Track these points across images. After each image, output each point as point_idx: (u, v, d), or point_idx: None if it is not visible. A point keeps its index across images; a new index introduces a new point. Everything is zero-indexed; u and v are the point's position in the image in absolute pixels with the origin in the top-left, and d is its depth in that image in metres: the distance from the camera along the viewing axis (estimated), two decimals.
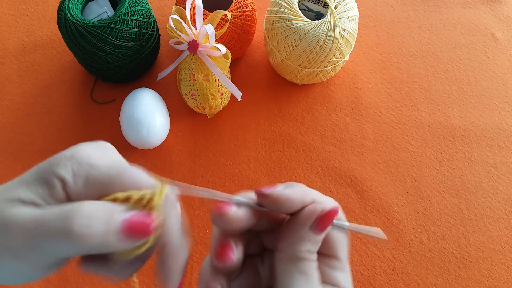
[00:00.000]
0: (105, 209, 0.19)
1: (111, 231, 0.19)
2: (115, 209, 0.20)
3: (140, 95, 0.52)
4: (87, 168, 0.21)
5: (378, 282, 0.49)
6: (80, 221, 0.18)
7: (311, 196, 0.23)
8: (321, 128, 0.58)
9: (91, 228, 0.19)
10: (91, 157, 0.21)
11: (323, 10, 0.54)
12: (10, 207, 0.20)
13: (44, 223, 0.19)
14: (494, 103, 0.60)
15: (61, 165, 0.20)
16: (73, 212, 0.19)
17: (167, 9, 0.66)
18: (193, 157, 0.55)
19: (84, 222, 0.18)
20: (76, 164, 0.21)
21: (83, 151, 0.21)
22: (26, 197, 0.20)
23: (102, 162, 0.21)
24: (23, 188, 0.20)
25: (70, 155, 0.21)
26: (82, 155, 0.21)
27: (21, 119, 0.58)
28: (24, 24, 0.65)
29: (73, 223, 0.18)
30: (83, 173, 0.21)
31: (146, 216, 0.20)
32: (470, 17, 0.66)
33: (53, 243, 0.19)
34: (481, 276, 0.49)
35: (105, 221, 0.19)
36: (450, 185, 0.54)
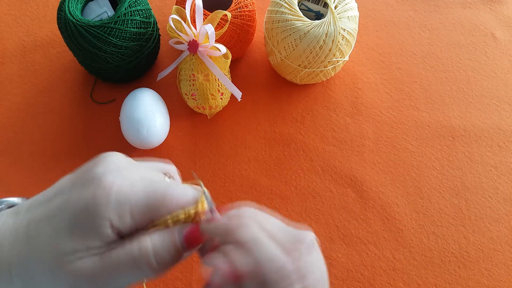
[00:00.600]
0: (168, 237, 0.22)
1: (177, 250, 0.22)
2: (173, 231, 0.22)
3: (140, 95, 0.52)
4: (128, 205, 0.21)
5: (378, 282, 0.49)
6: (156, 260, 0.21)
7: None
8: (321, 128, 0.58)
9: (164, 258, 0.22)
10: (126, 192, 0.21)
11: (323, 10, 0.54)
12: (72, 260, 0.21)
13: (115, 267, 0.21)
14: (494, 103, 0.60)
15: (103, 211, 0.21)
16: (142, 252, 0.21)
17: (167, 9, 0.66)
18: (193, 157, 0.55)
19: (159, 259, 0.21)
20: (117, 206, 0.21)
21: (114, 186, 0.21)
22: (81, 249, 0.21)
23: (139, 193, 0.22)
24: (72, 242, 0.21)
25: (106, 195, 0.21)
26: (118, 194, 0.21)
27: (21, 119, 0.58)
28: (24, 24, 0.65)
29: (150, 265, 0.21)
30: (127, 211, 0.21)
31: (197, 227, 0.23)
32: (470, 17, 0.66)
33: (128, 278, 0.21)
34: (481, 276, 0.49)
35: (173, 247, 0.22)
36: (450, 185, 0.54)
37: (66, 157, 0.56)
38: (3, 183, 0.54)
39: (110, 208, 0.21)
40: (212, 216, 0.24)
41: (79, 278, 0.20)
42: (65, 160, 0.55)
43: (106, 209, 0.21)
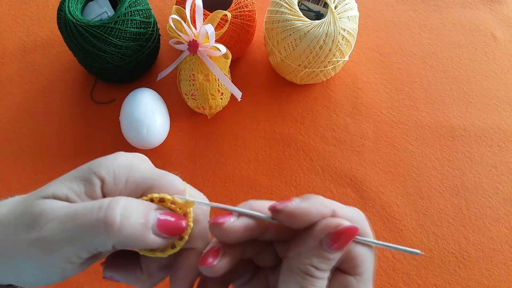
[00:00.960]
0: (143, 205, 0.20)
1: (148, 224, 0.20)
2: (152, 206, 0.21)
3: (140, 95, 0.52)
4: (127, 170, 0.21)
5: (378, 282, 0.49)
6: (120, 211, 0.19)
7: (330, 208, 0.21)
8: (321, 128, 0.58)
9: (130, 219, 0.19)
10: (132, 161, 0.22)
11: (323, 10, 0.54)
12: (42, 201, 0.20)
13: (81, 214, 0.19)
14: (494, 103, 0.60)
15: (102, 165, 0.21)
16: (113, 203, 0.19)
17: (167, 9, 0.66)
18: (193, 157, 0.55)
19: (123, 212, 0.19)
20: (117, 166, 0.21)
21: (124, 155, 0.22)
22: (60, 192, 0.20)
23: (141, 167, 0.22)
24: (58, 184, 0.21)
25: (112, 158, 0.22)
26: (123, 159, 0.22)
27: (21, 119, 0.58)
28: (24, 24, 0.65)
29: (113, 213, 0.19)
30: (123, 175, 0.21)
31: (180, 217, 0.21)
32: (470, 17, 0.66)
33: (90, 233, 0.19)
34: (481, 276, 0.49)
35: (143, 215, 0.20)
36: (450, 185, 0.54)
37: (66, 157, 0.56)
38: (3, 183, 0.54)
39: (108, 167, 0.21)
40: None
41: (45, 219, 0.19)
42: (65, 160, 0.55)
43: (104, 167, 0.21)
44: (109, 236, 0.19)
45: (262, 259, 0.24)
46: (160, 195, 0.21)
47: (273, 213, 0.21)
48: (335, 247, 0.20)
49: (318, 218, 0.21)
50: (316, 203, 0.21)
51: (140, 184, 0.22)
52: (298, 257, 0.21)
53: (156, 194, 0.21)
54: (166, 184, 0.22)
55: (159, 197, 0.21)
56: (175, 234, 0.21)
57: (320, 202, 0.21)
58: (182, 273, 0.22)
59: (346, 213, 0.21)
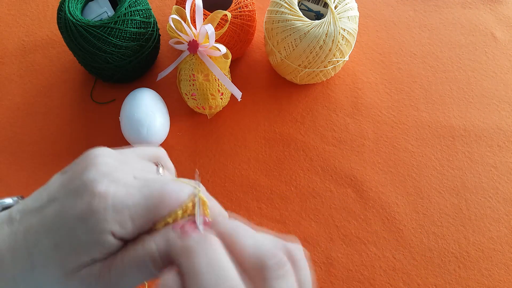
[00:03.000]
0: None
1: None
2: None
3: (140, 95, 0.52)
4: (127, 212, 0.21)
5: (378, 282, 0.49)
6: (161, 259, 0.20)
7: None
8: (321, 128, 0.58)
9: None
10: (122, 198, 0.21)
11: (323, 10, 0.54)
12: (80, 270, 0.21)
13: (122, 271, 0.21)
14: (494, 103, 0.60)
15: (102, 222, 0.20)
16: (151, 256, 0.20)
17: (167, 9, 0.66)
18: (193, 157, 0.55)
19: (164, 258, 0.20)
20: (116, 214, 0.20)
21: (110, 193, 0.20)
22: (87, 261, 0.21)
23: (135, 197, 0.21)
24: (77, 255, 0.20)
25: (103, 207, 0.20)
26: (114, 202, 0.20)
27: (21, 119, 0.58)
28: (24, 24, 0.65)
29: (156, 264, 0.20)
30: (127, 218, 0.21)
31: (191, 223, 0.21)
32: (470, 17, 0.66)
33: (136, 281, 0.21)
34: (481, 276, 0.49)
35: None
36: (450, 185, 0.54)
37: (66, 157, 0.56)
38: (3, 183, 0.54)
39: (109, 219, 0.20)
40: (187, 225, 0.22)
41: (89, 283, 0.20)
42: (65, 160, 0.55)
43: (105, 220, 0.20)
44: None
45: None
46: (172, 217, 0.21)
47: None
48: None
49: None
50: None
51: (147, 216, 0.21)
52: None
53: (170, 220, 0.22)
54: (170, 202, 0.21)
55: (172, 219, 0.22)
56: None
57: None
58: None
59: None
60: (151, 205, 0.21)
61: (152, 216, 0.21)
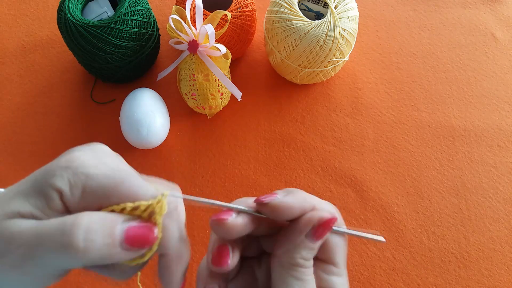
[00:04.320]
0: (106, 221, 0.19)
1: (113, 243, 0.19)
2: (116, 220, 0.20)
3: (140, 95, 0.52)
4: (83, 178, 0.20)
5: (378, 282, 0.49)
6: (82, 235, 0.18)
7: (310, 203, 0.23)
8: (321, 128, 0.58)
9: (94, 242, 0.18)
10: (87, 166, 0.20)
11: (323, 10, 0.54)
12: (9, 220, 0.19)
13: (44, 236, 0.19)
14: (494, 103, 0.60)
15: (57, 176, 0.20)
16: (74, 226, 0.18)
17: (167, 9, 0.66)
18: (193, 157, 0.56)
19: (86, 236, 0.18)
20: (72, 175, 0.20)
21: (79, 159, 0.21)
22: (25, 210, 0.20)
23: (98, 171, 0.20)
24: (21, 200, 0.20)
25: (66, 165, 0.20)
26: (77, 164, 0.20)
27: (21, 119, 0.58)
28: (24, 24, 0.65)
29: (74, 238, 0.18)
30: (80, 184, 0.20)
31: (147, 226, 0.20)
32: (470, 17, 0.66)
33: (54, 256, 0.19)
34: (481, 276, 0.49)
35: (107, 233, 0.19)
36: (450, 185, 0.54)
37: None
38: (3, 183, 0.54)
39: (64, 177, 0.20)
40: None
41: (10, 240, 0.19)
42: None
43: (60, 176, 0.20)
44: (77, 260, 0.19)
45: (250, 250, 0.25)
46: (120, 206, 0.20)
47: (259, 206, 0.22)
48: (317, 236, 0.22)
49: (300, 213, 0.23)
50: (298, 198, 0.23)
51: (98, 194, 0.20)
52: (288, 253, 0.22)
53: (115, 206, 0.20)
54: (125, 190, 0.21)
55: (119, 208, 0.20)
56: (145, 246, 0.20)
57: (302, 197, 0.23)
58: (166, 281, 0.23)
59: (324, 207, 0.23)
60: (106, 185, 0.20)
61: (102, 196, 0.20)
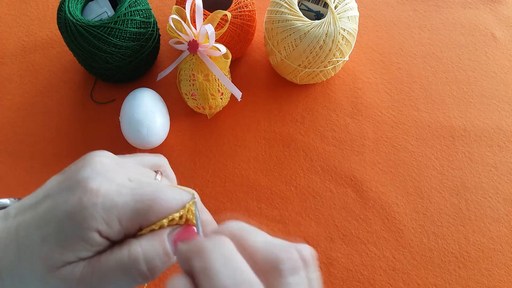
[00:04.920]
0: (156, 243, 0.21)
1: (169, 257, 0.21)
2: (163, 237, 0.21)
3: (140, 95, 0.52)
4: (115, 211, 0.21)
5: (378, 282, 0.49)
6: (144, 267, 0.21)
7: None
8: (321, 128, 0.58)
9: (156, 267, 0.21)
10: (111, 197, 0.21)
11: (323, 10, 0.54)
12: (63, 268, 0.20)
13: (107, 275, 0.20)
14: (494, 103, 0.60)
15: (88, 217, 0.20)
16: (134, 262, 0.20)
17: (167, 9, 0.66)
18: (193, 157, 0.55)
19: (148, 266, 0.21)
20: (103, 212, 0.20)
21: (99, 192, 0.21)
22: (71, 258, 0.20)
23: (126, 198, 0.21)
24: (62, 250, 0.20)
25: (91, 202, 0.20)
26: (103, 200, 0.20)
27: (21, 119, 0.58)
28: (24, 24, 0.65)
29: (140, 272, 0.20)
30: (115, 218, 0.21)
31: (187, 229, 0.22)
32: (470, 17, 0.66)
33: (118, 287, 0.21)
34: (481, 276, 0.49)
35: (162, 253, 0.21)
36: (450, 185, 0.54)
37: (66, 157, 0.56)
38: (3, 183, 0.54)
39: (96, 216, 0.20)
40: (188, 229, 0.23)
41: (70, 284, 0.20)
42: (65, 160, 0.55)
43: (92, 217, 0.20)
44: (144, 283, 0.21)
45: None
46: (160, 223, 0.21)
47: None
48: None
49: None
50: None
51: (135, 219, 0.21)
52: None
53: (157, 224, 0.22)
54: (160, 208, 0.21)
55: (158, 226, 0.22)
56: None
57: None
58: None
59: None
60: (140, 209, 0.21)
61: (140, 220, 0.21)
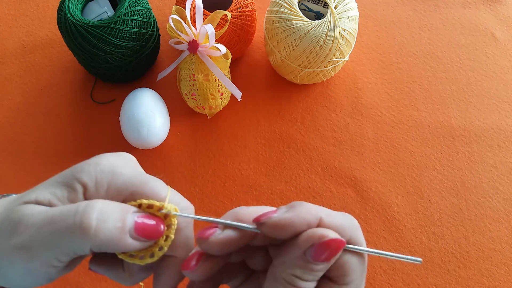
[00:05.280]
0: (120, 208, 0.20)
1: (123, 228, 0.20)
2: (129, 209, 0.21)
3: (140, 95, 0.52)
4: (110, 175, 0.21)
5: (378, 282, 0.49)
6: (96, 215, 0.19)
7: (316, 216, 0.20)
8: (321, 128, 0.58)
9: (106, 223, 0.19)
10: (114, 166, 0.22)
11: (323, 10, 0.54)
12: (23, 206, 0.20)
13: (58, 218, 0.19)
14: (494, 103, 0.60)
15: (84, 171, 0.21)
16: (89, 207, 0.19)
17: (167, 9, 0.66)
18: (193, 157, 0.55)
19: (99, 216, 0.19)
20: (99, 172, 0.21)
21: (107, 159, 0.22)
22: (43, 197, 0.20)
23: (125, 171, 0.22)
24: (41, 190, 0.21)
25: (95, 162, 0.21)
26: (106, 163, 0.21)
27: (21, 119, 0.58)
28: (24, 24, 0.65)
29: (89, 217, 0.19)
30: (105, 181, 0.21)
31: (156, 220, 0.21)
32: (470, 17, 0.66)
33: (67, 238, 0.19)
34: (481, 276, 0.49)
35: (118, 218, 0.20)
36: (450, 185, 0.54)
37: (66, 157, 0.56)
38: (3, 183, 0.54)
39: (90, 173, 0.21)
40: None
41: (23, 224, 0.19)
42: (65, 160, 0.55)
43: (86, 172, 0.21)
44: (86, 240, 0.19)
45: (255, 262, 0.24)
46: (136, 202, 0.21)
47: (257, 225, 0.21)
48: (321, 259, 0.19)
49: (303, 228, 0.20)
50: (301, 212, 0.20)
51: (121, 191, 0.21)
52: (282, 265, 0.20)
53: (132, 202, 0.21)
54: (148, 190, 0.21)
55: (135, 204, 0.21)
56: (153, 238, 0.21)
57: (305, 211, 0.20)
58: (163, 280, 0.22)
59: (335, 221, 0.20)
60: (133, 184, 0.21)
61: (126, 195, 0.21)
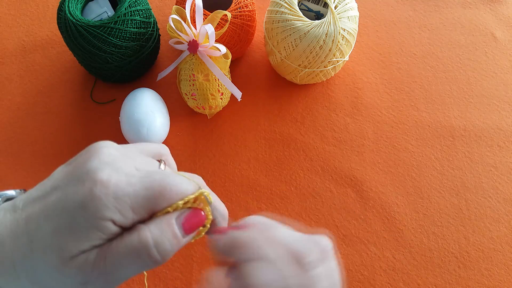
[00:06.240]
0: (165, 227, 0.22)
1: (178, 239, 0.22)
2: (171, 221, 0.22)
3: (140, 95, 0.52)
4: (128, 200, 0.21)
5: (378, 282, 0.49)
6: (155, 251, 0.21)
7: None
8: (321, 128, 0.58)
9: (166, 250, 0.22)
10: (123, 187, 0.21)
11: (323, 10, 0.54)
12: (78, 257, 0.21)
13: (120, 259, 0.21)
14: (494, 103, 0.60)
15: (102, 207, 0.20)
16: (144, 247, 0.21)
17: (167, 9, 0.66)
18: (193, 157, 0.56)
19: (158, 250, 0.21)
20: (116, 202, 0.21)
21: (110, 182, 0.21)
22: (86, 247, 0.21)
23: (136, 187, 0.21)
24: (76, 241, 0.21)
25: (103, 192, 0.20)
26: (115, 189, 0.21)
27: (21, 119, 0.58)
28: (24, 24, 0.65)
29: (151, 257, 0.21)
30: (127, 207, 0.21)
31: (195, 212, 0.23)
32: (470, 17, 0.66)
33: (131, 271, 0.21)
34: (481, 276, 0.49)
35: (171, 236, 0.22)
36: (450, 185, 0.54)
37: (66, 157, 0.55)
38: (3, 183, 0.54)
39: (109, 206, 0.20)
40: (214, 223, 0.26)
41: (84, 272, 0.20)
42: (65, 160, 0.55)
43: (105, 207, 0.20)
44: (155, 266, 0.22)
45: None
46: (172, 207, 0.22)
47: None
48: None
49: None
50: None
51: (147, 206, 0.22)
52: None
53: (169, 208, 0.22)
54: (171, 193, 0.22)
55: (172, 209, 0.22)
56: (200, 226, 0.24)
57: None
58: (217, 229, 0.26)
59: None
60: (151, 196, 0.21)
61: (152, 206, 0.22)
